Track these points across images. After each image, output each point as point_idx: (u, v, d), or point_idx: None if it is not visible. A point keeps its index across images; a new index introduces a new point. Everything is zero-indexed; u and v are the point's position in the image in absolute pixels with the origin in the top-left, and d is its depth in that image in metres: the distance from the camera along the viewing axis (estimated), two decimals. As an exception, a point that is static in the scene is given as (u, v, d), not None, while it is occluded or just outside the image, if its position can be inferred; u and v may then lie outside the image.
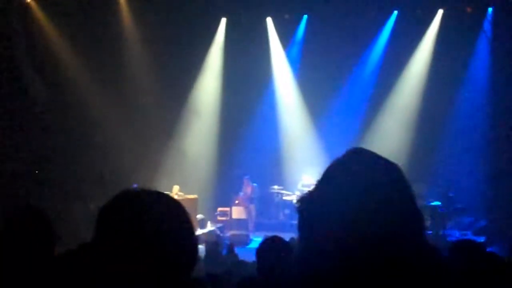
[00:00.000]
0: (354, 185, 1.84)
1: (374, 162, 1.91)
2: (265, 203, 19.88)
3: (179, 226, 1.96)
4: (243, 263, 11.21)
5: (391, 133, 19.17)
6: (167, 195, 2.05)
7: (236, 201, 19.24)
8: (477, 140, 18.49)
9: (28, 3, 17.99)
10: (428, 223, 15.07)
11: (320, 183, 1.92)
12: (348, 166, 1.90)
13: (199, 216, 18.01)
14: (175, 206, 2.02)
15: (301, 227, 1.95)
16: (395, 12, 19.34)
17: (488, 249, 7.71)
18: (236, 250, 13.00)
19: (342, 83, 19.95)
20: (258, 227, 19.07)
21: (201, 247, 13.24)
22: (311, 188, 2.00)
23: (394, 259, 1.80)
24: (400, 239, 1.81)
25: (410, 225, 1.85)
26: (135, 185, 13.05)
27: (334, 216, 1.83)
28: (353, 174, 1.87)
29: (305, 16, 19.95)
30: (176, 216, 1.97)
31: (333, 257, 1.83)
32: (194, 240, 2.01)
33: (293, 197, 19.00)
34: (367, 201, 1.81)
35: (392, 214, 1.81)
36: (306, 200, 1.95)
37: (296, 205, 1.97)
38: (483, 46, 19.21)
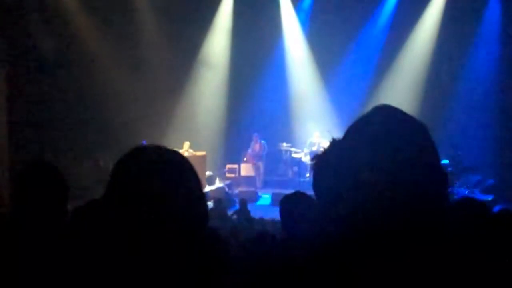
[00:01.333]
0: (381, 143, 1.80)
1: (402, 120, 1.87)
2: (273, 160, 19.92)
3: (188, 185, 1.96)
4: (251, 219, 11.29)
5: (399, 91, 19.07)
6: (176, 152, 2.05)
7: (245, 158, 19.30)
8: (487, 99, 18.42)
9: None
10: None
11: (346, 139, 1.88)
12: (373, 122, 1.86)
13: (208, 173, 18.08)
14: (184, 163, 2.02)
15: (317, 184, 1.94)
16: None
17: (495, 208, 7.69)
18: (245, 206, 13.04)
19: (351, 41, 19.84)
20: (266, 184, 19.15)
21: (210, 204, 13.36)
22: (328, 144, 1.98)
23: (417, 222, 1.77)
24: (425, 201, 1.77)
25: (436, 187, 1.81)
26: (144, 142, 13.12)
27: (357, 173, 1.79)
28: (380, 131, 1.83)
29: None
30: (185, 174, 1.98)
31: (353, 218, 1.79)
32: (203, 198, 2.01)
33: (301, 154, 19.03)
34: (394, 160, 1.77)
35: (418, 175, 1.77)
36: (325, 156, 1.94)
37: (312, 162, 1.94)
38: (494, 6, 19.02)
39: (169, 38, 19.36)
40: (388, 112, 1.89)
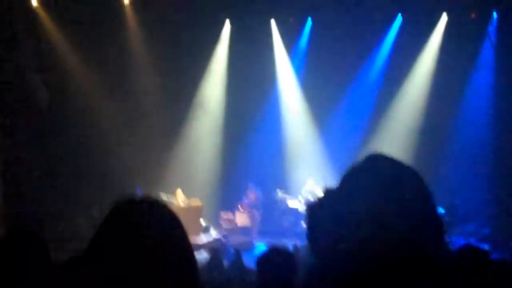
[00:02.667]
0: (374, 192, 1.81)
1: (395, 168, 1.88)
2: (269, 209, 19.79)
3: (174, 241, 1.90)
4: (247, 270, 11.18)
5: (395, 139, 19.13)
6: (164, 208, 1.98)
7: (240, 207, 19.19)
8: (482, 147, 18.49)
9: (35, 8, 18.01)
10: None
11: (340, 188, 1.88)
12: (367, 171, 1.86)
13: (203, 222, 17.98)
14: (172, 219, 1.95)
15: (312, 234, 1.91)
16: (399, 15, 19.29)
17: (492, 256, 7.63)
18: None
19: (346, 87, 19.89)
20: (262, 233, 19.00)
21: (205, 255, 13.28)
22: (323, 193, 1.97)
23: (412, 268, 1.76)
24: (421, 248, 1.78)
25: (431, 234, 1.83)
26: (138, 189, 13.11)
27: (353, 222, 1.79)
28: (373, 179, 1.83)
29: (310, 19, 19.90)
30: (172, 233, 1.91)
31: (349, 263, 1.79)
32: (191, 254, 1.95)
33: (297, 203, 18.96)
34: (387, 207, 1.78)
35: (412, 220, 1.78)
36: (319, 206, 1.91)
37: (307, 212, 1.94)
38: (487, 50, 19.15)
39: (164, 82, 19.44)
40: (380, 160, 1.91)
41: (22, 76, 17.39)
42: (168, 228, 1.88)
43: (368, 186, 1.80)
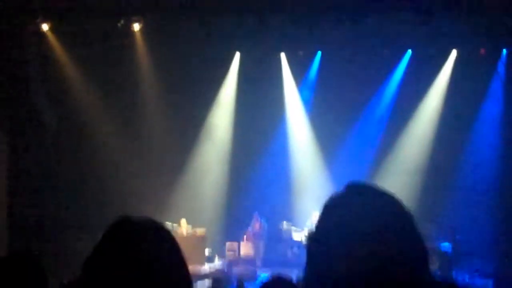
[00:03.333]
0: (354, 218, 1.81)
1: (375, 195, 1.89)
2: (273, 239, 19.74)
3: (170, 263, 1.90)
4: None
5: (402, 173, 19.12)
6: (162, 227, 1.98)
7: (245, 237, 19.14)
8: (488, 183, 18.43)
9: (44, 32, 18.10)
10: (436, 265, 15.01)
11: (321, 218, 1.90)
12: (347, 200, 1.87)
13: (207, 251, 17.96)
14: (169, 241, 1.96)
15: (307, 263, 1.93)
16: (409, 51, 19.34)
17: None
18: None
19: (354, 120, 19.92)
20: (266, 263, 18.92)
21: (208, 284, 13.23)
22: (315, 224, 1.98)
23: None
24: (404, 271, 1.78)
25: (413, 259, 1.82)
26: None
27: (336, 251, 1.81)
28: (353, 207, 1.84)
29: (319, 53, 19.97)
30: (168, 253, 1.91)
31: None
32: (188, 280, 1.94)
33: (301, 235, 18.90)
34: (368, 235, 1.78)
35: (395, 248, 1.78)
36: (311, 236, 1.92)
37: (305, 243, 1.96)
38: (496, 87, 19.16)
39: (173, 111, 19.47)
40: (361, 189, 1.93)
41: (31, 100, 17.50)
42: (166, 250, 1.87)
43: (349, 215, 1.80)
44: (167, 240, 1.93)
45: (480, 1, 16.71)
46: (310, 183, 20.22)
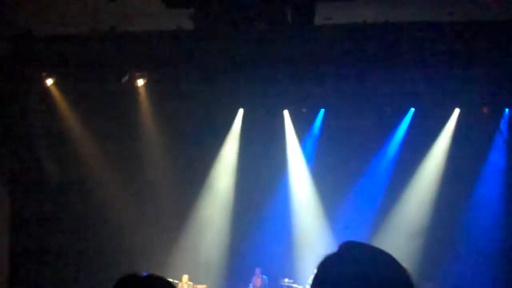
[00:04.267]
0: (350, 276, 1.81)
1: (369, 254, 1.89)
2: (274, 297, 19.64)
3: None
4: None
5: (404, 231, 19.05)
6: (169, 284, 1.98)
7: (246, 293, 19.06)
8: (490, 244, 18.36)
9: (48, 87, 18.21)
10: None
11: (316, 276, 1.90)
12: (342, 259, 1.88)
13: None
14: None
15: None
16: (412, 109, 19.40)
17: None
18: None
19: (356, 178, 19.89)
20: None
21: None
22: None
23: None
24: None
25: None
26: (145, 273, 13.08)
27: None
28: (349, 266, 1.85)
29: (322, 110, 20.04)
30: None
31: None
32: None
33: (303, 291, 18.81)
34: None
35: None
36: None
37: None
38: (499, 146, 19.17)
39: (175, 166, 19.57)
40: (356, 248, 1.96)
41: (33, 153, 17.57)
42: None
43: (345, 273, 1.80)
44: None
45: (483, 61, 16.83)
46: (312, 240, 20.12)
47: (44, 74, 17.71)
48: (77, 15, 15.80)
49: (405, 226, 19.36)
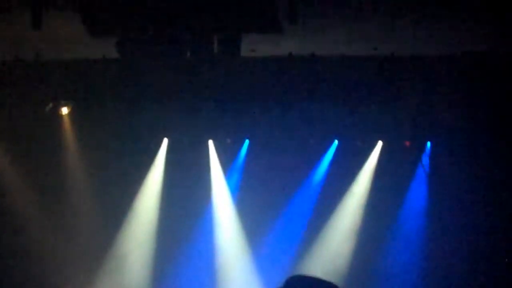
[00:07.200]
0: None
1: (316, 285, 1.88)
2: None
3: None
4: None
5: (329, 259, 19.13)
6: None
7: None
8: (410, 275, 18.59)
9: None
10: None
11: None
12: None
13: None
14: None
15: None
16: (336, 141, 19.56)
17: None
18: None
19: (280, 210, 19.87)
20: None
21: None
22: None
23: None
24: None
25: None
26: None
27: None
28: None
29: (247, 141, 20.07)
30: None
31: None
32: None
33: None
34: None
35: None
36: None
37: None
38: (421, 178, 19.46)
39: (99, 206, 19.29)
40: (301, 280, 1.95)
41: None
42: None
43: None
44: None
45: (404, 95, 17.13)
46: (234, 273, 20.06)
47: None
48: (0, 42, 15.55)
49: (328, 258, 19.42)
